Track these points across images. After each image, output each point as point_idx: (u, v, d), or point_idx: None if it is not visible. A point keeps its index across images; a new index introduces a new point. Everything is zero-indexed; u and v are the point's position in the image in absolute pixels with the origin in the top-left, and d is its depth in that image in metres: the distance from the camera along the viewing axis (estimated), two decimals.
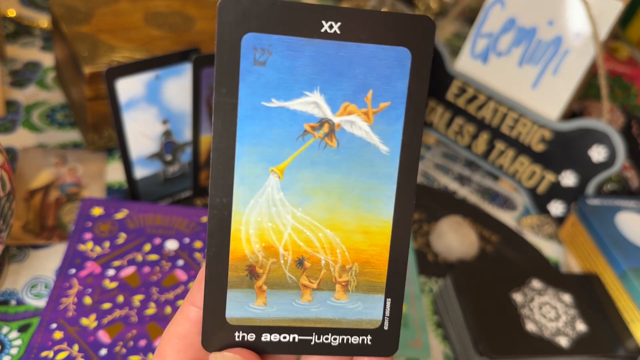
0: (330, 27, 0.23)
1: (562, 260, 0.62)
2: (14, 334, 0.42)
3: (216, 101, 0.23)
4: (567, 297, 0.51)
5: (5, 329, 0.43)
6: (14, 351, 0.41)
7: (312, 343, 0.25)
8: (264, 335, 0.24)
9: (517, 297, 0.50)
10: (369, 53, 0.23)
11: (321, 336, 0.25)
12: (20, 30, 0.73)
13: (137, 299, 0.43)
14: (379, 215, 0.24)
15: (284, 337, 0.25)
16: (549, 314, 0.49)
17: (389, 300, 0.25)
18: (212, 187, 0.23)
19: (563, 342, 0.47)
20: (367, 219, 0.24)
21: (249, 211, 0.24)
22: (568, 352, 0.46)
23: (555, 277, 0.53)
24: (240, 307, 0.24)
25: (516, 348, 0.46)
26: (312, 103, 0.23)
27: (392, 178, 0.24)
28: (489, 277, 0.52)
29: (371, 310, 0.25)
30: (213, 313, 0.24)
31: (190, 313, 0.25)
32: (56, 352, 0.39)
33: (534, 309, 0.50)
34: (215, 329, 0.24)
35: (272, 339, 0.25)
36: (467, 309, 0.48)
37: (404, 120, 0.24)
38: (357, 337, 0.25)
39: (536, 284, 0.52)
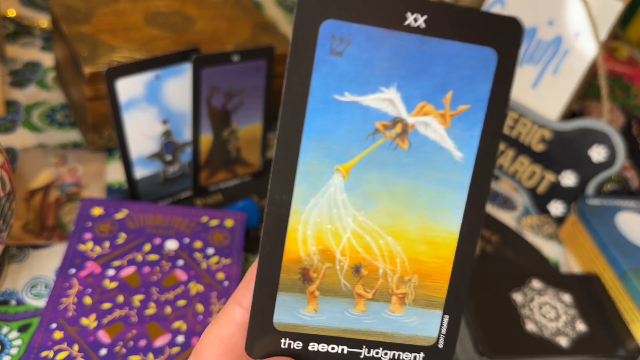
0: (415, 20, 0.21)
1: (562, 260, 0.62)
2: (14, 334, 0.42)
3: (286, 90, 0.21)
4: (567, 297, 0.51)
5: (5, 329, 0.43)
6: (14, 351, 0.41)
7: (362, 356, 0.24)
8: (311, 344, 0.23)
9: (517, 297, 0.50)
10: (453, 51, 0.21)
11: (371, 350, 0.24)
12: (20, 30, 0.74)
13: (137, 299, 0.43)
14: (445, 226, 0.23)
15: (332, 348, 0.23)
16: (549, 314, 0.49)
17: (446, 317, 0.24)
18: (273, 182, 0.22)
19: (563, 342, 0.47)
20: (433, 228, 0.23)
21: (308, 210, 0.22)
22: (568, 352, 0.46)
23: (555, 277, 0.53)
24: (290, 312, 0.23)
25: (516, 348, 0.46)
26: (387, 100, 0.22)
27: (463, 187, 0.23)
28: (489, 277, 0.52)
29: (427, 326, 0.24)
30: (260, 316, 0.23)
31: (235, 314, 0.23)
32: (56, 352, 0.39)
33: (534, 309, 0.50)
34: (261, 334, 0.23)
35: (320, 349, 0.23)
36: (467, 309, 0.48)
37: (482, 126, 0.22)
38: (409, 353, 0.24)
39: (536, 284, 0.52)
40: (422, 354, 0.24)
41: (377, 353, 0.24)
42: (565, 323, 0.49)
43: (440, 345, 0.24)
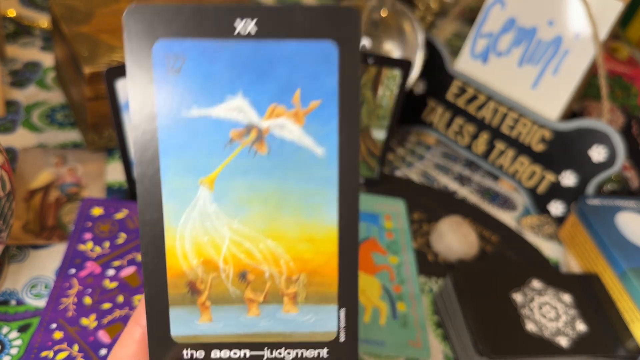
0: (245, 26, 0.21)
1: (562, 260, 0.62)
2: (14, 334, 0.42)
3: (132, 114, 0.21)
4: (567, 297, 0.51)
5: (5, 329, 0.43)
6: (14, 351, 0.41)
7: (265, 358, 0.24)
8: (213, 351, 0.23)
9: (517, 297, 0.50)
10: (292, 50, 0.22)
11: (274, 351, 0.24)
12: (20, 30, 0.74)
13: (137, 299, 0.43)
14: (322, 221, 0.23)
15: (235, 353, 0.23)
16: (549, 314, 0.49)
17: (343, 310, 0.24)
18: (140, 203, 0.22)
19: (563, 342, 0.47)
20: (310, 226, 0.23)
21: (182, 226, 0.23)
22: (568, 352, 0.46)
23: (555, 277, 0.53)
24: (185, 324, 0.23)
25: (516, 348, 0.46)
26: (236, 108, 0.22)
27: (332, 181, 0.23)
28: (489, 277, 0.52)
29: (324, 321, 0.24)
30: (158, 332, 0.23)
31: (135, 333, 0.24)
32: (56, 352, 0.39)
33: (534, 309, 0.50)
34: (163, 349, 0.23)
35: (222, 356, 0.23)
36: (467, 309, 0.48)
37: (338, 119, 0.22)
38: (312, 350, 0.24)
39: (536, 284, 0.52)
40: (325, 349, 0.24)
41: (279, 353, 0.24)
42: (565, 323, 0.49)
43: (342, 339, 0.24)
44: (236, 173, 0.22)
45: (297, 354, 0.24)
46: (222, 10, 0.21)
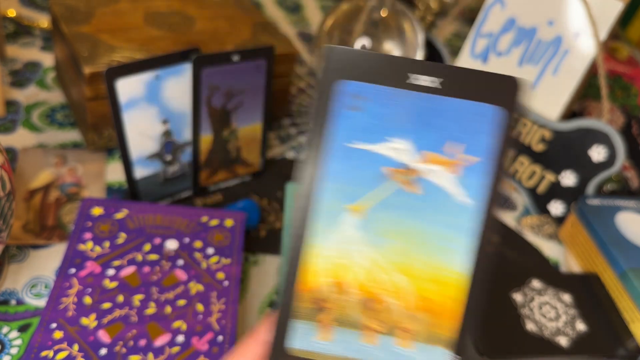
0: (425, 80, 0.23)
1: (562, 260, 0.62)
2: (14, 334, 0.42)
3: (308, 139, 0.24)
4: (567, 297, 0.51)
5: (5, 329, 0.43)
6: (14, 351, 0.41)
7: None
8: None
9: (517, 296, 0.50)
10: (460, 107, 0.24)
11: None
12: (20, 30, 0.74)
13: (137, 298, 0.43)
14: (453, 267, 0.24)
15: None
16: (549, 313, 0.49)
17: (454, 355, 0.24)
18: (293, 218, 0.24)
19: (563, 341, 0.47)
20: (441, 269, 0.24)
21: (322, 245, 0.24)
22: (568, 352, 0.46)
23: (555, 277, 0.53)
24: (304, 338, 0.24)
25: (516, 348, 0.46)
26: (399, 149, 0.24)
27: (470, 231, 0.24)
28: (489, 277, 0.52)
29: None
30: (277, 341, 0.24)
31: (253, 347, 0.25)
32: (56, 352, 0.39)
33: (534, 308, 0.50)
34: (277, 358, 0.24)
35: None
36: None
37: (487, 175, 0.24)
38: None
39: (536, 283, 0.52)
40: None
41: None
42: (565, 323, 0.49)
43: None
44: (385, 206, 0.24)
45: None
46: (404, 62, 0.24)
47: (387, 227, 0.24)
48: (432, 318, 0.24)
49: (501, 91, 0.23)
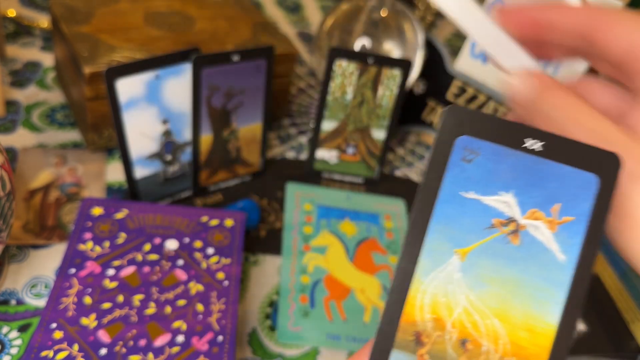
0: (533, 144, 0.26)
1: None
2: (14, 334, 0.42)
3: (423, 184, 0.26)
4: None
5: (5, 329, 0.43)
6: (14, 351, 0.41)
7: None
8: None
9: None
10: (563, 172, 0.26)
11: None
12: (20, 30, 0.74)
13: (137, 298, 0.43)
14: (545, 318, 0.26)
15: None
16: None
17: None
18: (403, 253, 0.26)
19: None
20: (534, 318, 0.26)
21: (428, 282, 0.26)
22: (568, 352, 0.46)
23: None
24: None
25: None
26: (504, 202, 0.26)
27: (564, 285, 0.26)
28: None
29: None
30: None
31: None
32: (56, 352, 0.39)
33: None
34: None
35: None
36: None
37: (584, 236, 0.26)
38: None
39: None
40: None
41: None
42: None
43: None
44: (487, 253, 0.26)
45: None
46: (520, 127, 0.26)
47: (487, 273, 0.26)
48: None
49: (598, 161, 0.26)
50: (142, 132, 0.52)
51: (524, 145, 0.26)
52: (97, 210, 0.48)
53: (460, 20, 0.30)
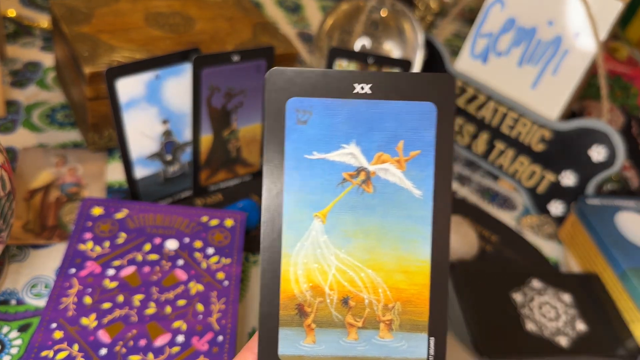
0: (362, 88, 0.26)
1: (561, 260, 0.62)
2: (14, 334, 0.42)
3: (266, 157, 0.26)
4: (566, 297, 0.51)
5: (5, 329, 0.43)
6: (14, 351, 0.41)
7: None
8: None
9: (517, 296, 0.50)
10: (398, 108, 0.26)
11: None
12: (20, 31, 0.74)
13: (137, 298, 0.43)
14: (417, 256, 0.26)
15: None
16: (549, 313, 0.49)
17: (432, 339, 0.26)
18: (264, 232, 0.26)
19: (563, 341, 0.47)
20: (406, 259, 0.26)
21: (296, 253, 0.26)
22: (568, 352, 0.46)
23: (555, 277, 0.54)
24: (291, 344, 0.26)
25: (516, 348, 0.46)
26: (349, 154, 0.26)
27: (427, 220, 0.26)
28: (489, 277, 0.52)
29: (415, 348, 0.26)
30: (267, 351, 0.26)
31: (248, 358, 0.26)
32: (56, 352, 0.39)
33: (534, 308, 0.50)
34: None
35: None
36: (467, 309, 0.48)
37: (434, 166, 0.26)
38: None
39: (536, 283, 0.52)
40: None
41: None
42: (565, 323, 0.49)
43: None
44: (345, 208, 0.26)
45: None
46: (344, 74, 0.26)
47: (350, 228, 0.26)
48: (404, 306, 0.26)
49: (433, 88, 0.26)
50: (142, 132, 0.52)
51: (354, 92, 0.26)
52: (97, 210, 0.48)
53: None
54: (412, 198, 0.26)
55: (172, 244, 0.47)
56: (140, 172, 0.53)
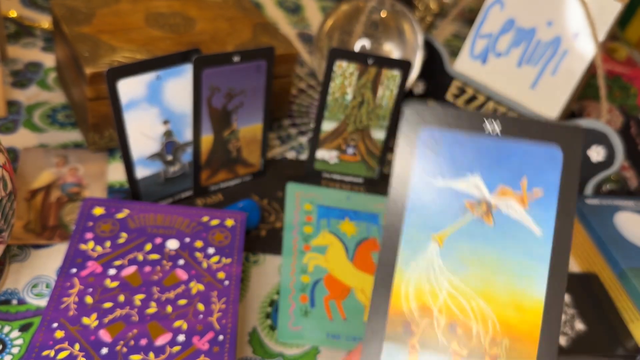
0: (492, 127, 0.26)
1: None
2: (15, 334, 0.43)
3: (394, 176, 0.27)
4: (566, 297, 0.52)
5: (6, 329, 0.43)
6: (15, 350, 0.41)
7: None
8: None
9: None
10: (524, 148, 0.26)
11: None
12: (21, 31, 0.74)
13: (138, 298, 0.43)
14: (531, 293, 0.26)
15: None
16: None
17: None
18: (382, 247, 0.26)
19: (562, 341, 0.47)
20: (520, 294, 0.26)
21: (410, 271, 0.26)
22: (567, 352, 0.47)
23: None
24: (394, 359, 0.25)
25: None
26: (473, 184, 0.27)
27: (545, 258, 0.26)
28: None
29: None
30: None
31: None
32: (57, 352, 0.39)
33: None
34: None
35: None
36: None
37: (556, 208, 0.26)
38: None
39: None
40: None
41: None
42: (564, 322, 0.49)
43: None
44: (464, 236, 0.26)
45: None
46: (476, 114, 0.27)
47: (466, 256, 0.26)
48: (513, 343, 0.25)
49: (562, 135, 0.26)
50: (143, 133, 0.52)
51: (485, 131, 0.27)
52: (98, 210, 0.49)
53: None
54: (532, 235, 0.26)
55: (172, 244, 0.47)
56: (141, 172, 0.53)
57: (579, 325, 0.49)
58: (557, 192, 0.26)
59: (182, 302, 0.43)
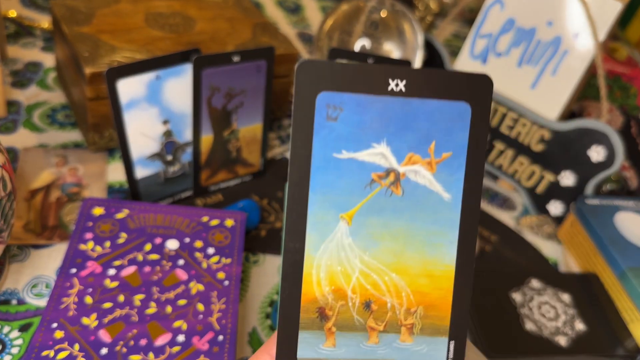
0: (396, 85, 0.24)
1: (561, 259, 0.63)
2: (15, 334, 0.43)
3: (292, 153, 0.25)
4: (566, 297, 0.52)
5: (6, 329, 0.43)
6: (14, 350, 0.41)
7: None
8: None
9: (517, 296, 0.50)
10: (432, 108, 0.25)
11: None
12: (21, 31, 0.74)
13: (138, 298, 0.43)
14: (442, 260, 0.25)
15: None
16: (548, 313, 0.50)
17: (452, 343, 0.26)
18: (287, 233, 0.25)
19: (562, 341, 0.47)
20: (431, 263, 0.25)
21: (319, 255, 0.25)
22: (567, 352, 0.47)
23: (554, 277, 0.54)
24: (311, 348, 0.25)
25: (515, 347, 0.46)
26: (379, 154, 0.25)
27: (454, 224, 0.25)
28: (488, 277, 0.52)
29: (435, 352, 0.26)
30: (285, 354, 0.25)
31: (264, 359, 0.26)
32: (57, 352, 0.39)
33: (533, 308, 0.50)
34: None
35: None
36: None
37: (465, 169, 0.25)
38: None
39: (535, 283, 0.52)
40: None
41: None
42: (565, 322, 0.49)
43: None
44: (372, 211, 0.25)
45: None
46: (379, 69, 0.24)
47: (376, 230, 0.25)
48: (427, 310, 0.25)
49: (469, 89, 0.25)
50: (142, 133, 0.52)
51: (389, 89, 0.24)
52: (98, 210, 0.49)
53: None
54: (441, 201, 0.25)
55: (172, 244, 0.47)
56: (140, 172, 0.53)
57: (579, 325, 0.49)
58: (466, 152, 0.25)
59: (182, 302, 0.43)
